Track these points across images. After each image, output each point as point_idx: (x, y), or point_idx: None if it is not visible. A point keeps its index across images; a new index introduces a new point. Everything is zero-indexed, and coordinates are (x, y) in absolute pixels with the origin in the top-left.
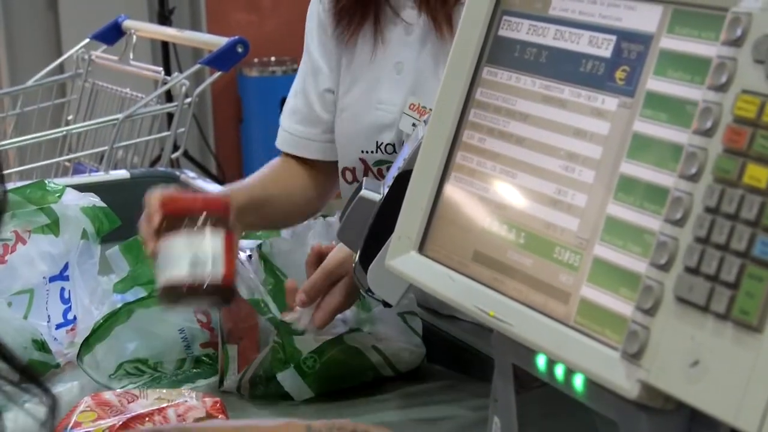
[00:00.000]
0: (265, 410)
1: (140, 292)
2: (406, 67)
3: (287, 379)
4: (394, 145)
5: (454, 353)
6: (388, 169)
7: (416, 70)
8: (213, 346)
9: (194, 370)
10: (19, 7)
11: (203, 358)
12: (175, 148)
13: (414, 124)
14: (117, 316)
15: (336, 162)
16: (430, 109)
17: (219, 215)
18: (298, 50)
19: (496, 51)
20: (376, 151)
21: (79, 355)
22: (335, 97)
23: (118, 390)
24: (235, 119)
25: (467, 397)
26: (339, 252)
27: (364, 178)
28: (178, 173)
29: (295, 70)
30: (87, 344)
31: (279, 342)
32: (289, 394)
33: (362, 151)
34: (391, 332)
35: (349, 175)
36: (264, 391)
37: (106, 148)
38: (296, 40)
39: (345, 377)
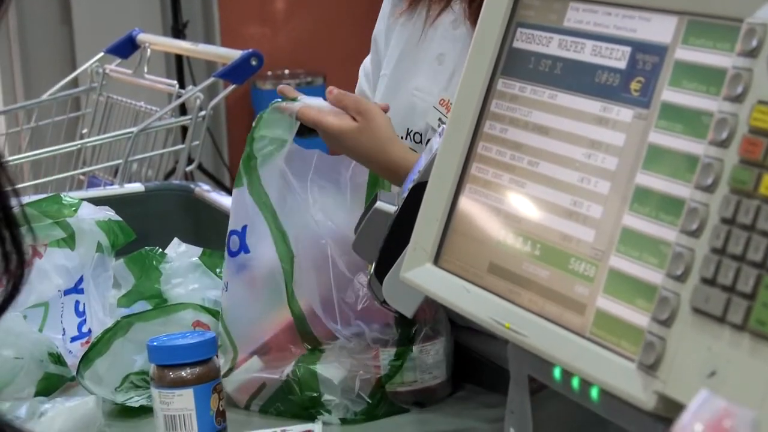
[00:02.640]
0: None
1: (145, 306)
2: (447, 60)
3: None
4: (422, 135)
5: (471, 365)
6: None
7: (456, 65)
8: None
9: None
10: (33, 22)
11: None
12: (190, 161)
13: (440, 119)
14: (115, 329)
15: None
16: None
17: None
18: (312, 63)
19: (511, 63)
20: (406, 138)
21: (79, 371)
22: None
23: None
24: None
25: (484, 409)
26: None
27: (380, 190)
28: (192, 186)
29: (309, 83)
30: (86, 359)
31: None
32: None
33: None
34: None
35: None
36: (275, 413)
37: (120, 161)
38: (310, 53)
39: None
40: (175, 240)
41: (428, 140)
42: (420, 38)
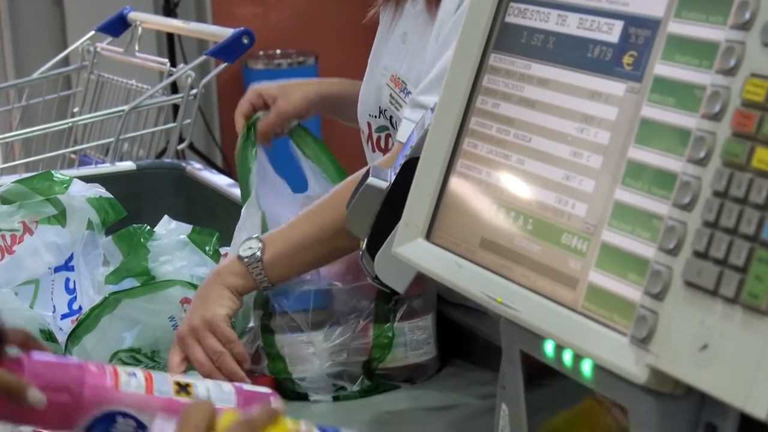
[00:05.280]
0: None
1: (133, 283)
2: (409, 38)
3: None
4: (389, 115)
5: (463, 342)
6: (386, 138)
7: (415, 41)
8: None
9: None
10: (24, 1)
11: None
12: (181, 140)
13: (390, 95)
14: (103, 306)
15: None
16: (403, 81)
17: None
18: (304, 43)
19: (503, 37)
20: (379, 116)
21: (67, 348)
22: None
23: None
24: None
25: (475, 386)
26: None
27: (371, 166)
28: (184, 165)
29: (301, 63)
30: (74, 336)
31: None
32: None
33: (369, 115)
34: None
35: (362, 137)
36: None
37: (111, 139)
38: (301, 33)
39: None
40: (165, 217)
41: (392, 116)
42: (392, 23)
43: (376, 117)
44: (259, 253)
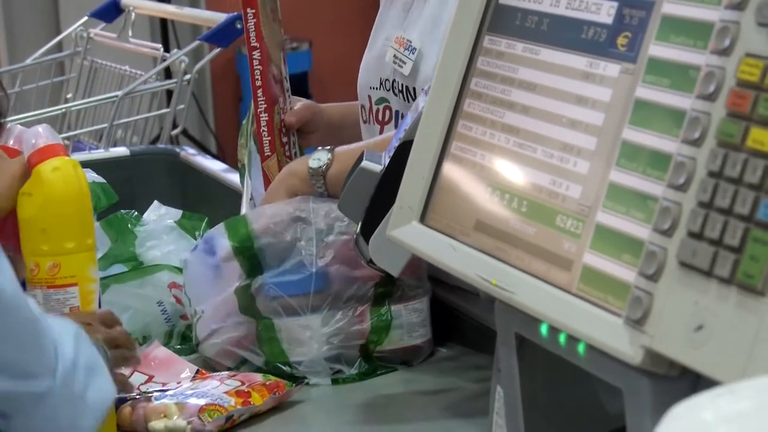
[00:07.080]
0: None
1: (121, 269)
2: (413, 7)
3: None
4: (392, 81)
5: (457, 325)
6: (384, 110)
7: (414, 7)
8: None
9: (179, 346)
10: None
11: (190, 333)
12: (175, 125)
13: (395, 55)
14: None
15: None
16: (408, 40)
17: None
18: (297, 29)
19: (497, 19)
20: (379, 88)
21: None
22: None
23: None
24: (234, 98)
25: (471, 369)
26: None
27: (365, 150)
28: (177, 150)
29: (294, 49)
30: None
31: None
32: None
33: (370, 87)
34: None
35: (363, 113)
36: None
37: (105, 125)
38: (295, 19)
39: None
40: (155, 203)
41: (393, 81)
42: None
43: (376, 89)
44: (324, 168)
